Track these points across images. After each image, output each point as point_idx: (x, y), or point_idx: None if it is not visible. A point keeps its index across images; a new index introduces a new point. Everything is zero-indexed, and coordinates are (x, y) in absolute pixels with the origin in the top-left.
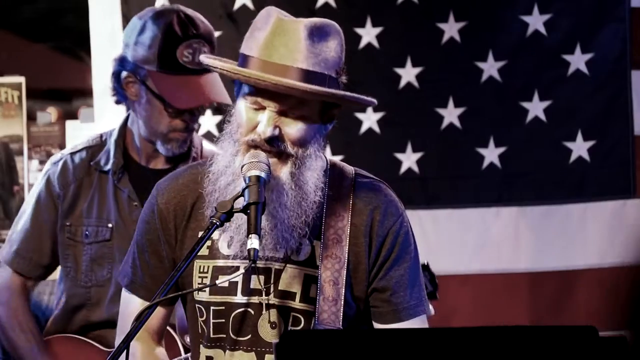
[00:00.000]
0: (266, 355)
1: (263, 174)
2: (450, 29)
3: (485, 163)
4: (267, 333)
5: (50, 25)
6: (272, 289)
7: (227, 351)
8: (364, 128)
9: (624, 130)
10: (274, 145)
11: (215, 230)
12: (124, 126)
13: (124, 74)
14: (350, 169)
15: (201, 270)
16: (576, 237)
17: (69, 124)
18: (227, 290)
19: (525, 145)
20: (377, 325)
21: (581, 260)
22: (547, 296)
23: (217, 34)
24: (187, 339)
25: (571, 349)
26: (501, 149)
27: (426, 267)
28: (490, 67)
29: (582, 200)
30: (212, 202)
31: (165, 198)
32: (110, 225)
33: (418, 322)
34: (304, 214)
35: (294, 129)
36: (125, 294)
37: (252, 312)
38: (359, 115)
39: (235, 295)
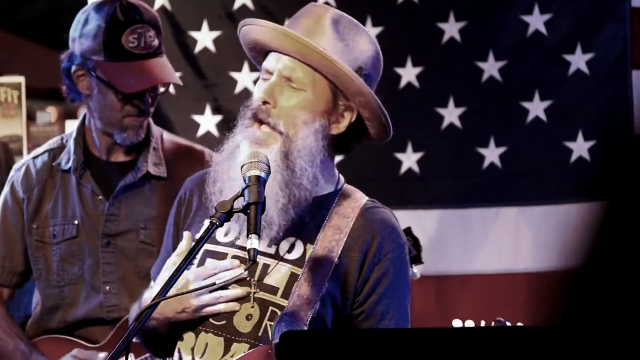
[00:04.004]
0: (234, 344)
1: (263, 174)
2: (451, 29)
3: (486, 163)
4: (241, 323)
5: (50, 25)
6: (256, 282)
7: (201, 333)
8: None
9: (624, 130)
10: (265, 114)
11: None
12: (82, 125)
13: (74, 68)
14: (362, 194)
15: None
16: (576, 237)
17: (69, 124)
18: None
19: (526, 145)
20: None
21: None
22: (547, 296)
23: (217, 33)
24: None
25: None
26: (501, 149)
27: (409, 232)
28: (490, 67)
29: (582, 200)
30: (221, 172)
31: (187, 185)
32: (76, 222)
33: None
34: (292, 196)
35: (289, 101)
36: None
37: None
38: None
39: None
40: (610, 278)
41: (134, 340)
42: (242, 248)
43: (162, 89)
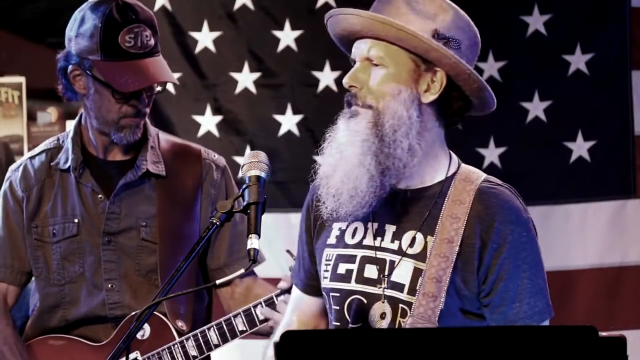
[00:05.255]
0: None
1: (263, 174)
2: None
3: (485, 163)
4: (377, 321)
5: (50, 25)
6: (385, 280)
7: None
8: None
9: (624, 130)
10: (355, 98)
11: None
12: (78, 124)
13: (70, 68)
14: (480, 173)
15: (327, 258)
16: (576, 237)
17: (69, 124)
18: (343, 277)
19: (525, 145)
20: None
21: (581, 260)
22: None
23: (217, 34)
24: (179, 324)
25: (571, 349)
26: (501, 149)
27: None
28: (490, 67)
29: (582, 200)
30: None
31: (312, 193)
32: (76, 220)
33: None
34: (381, 165)
35: (373, 79)
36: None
37: (365, 301)
38: None
39: (349, 282)
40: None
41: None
42: (370, 247)
43: (158, 88)
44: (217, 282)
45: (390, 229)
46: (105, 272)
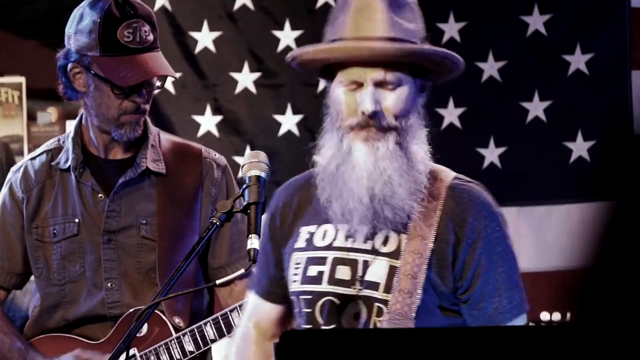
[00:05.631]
0: None
1: (263, 174)
2: (450, 29)
3: (485, 163)
4: (351, 322)
5: (50, 25)
6: (360, 280)
7: None
8: None
9: (624, 130)
10: (377, 121)
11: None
12: (79, 124)
13: (70, 65)
14: (449, 171)
15: (296, 262)
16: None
17: (69, 124)
18: (314, 279)
19: (525, 145)
20: None
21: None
22: (547, 296)
23: (217, 34)
24: (176, 320)
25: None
26: (501, 149)
27: None
28: (490, 67)
29: (582, 200)
30: (326, 188)
31: (277, 200)
32: (77, 220)
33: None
34: (414, 180)
35: (393, 101)
36: (252, 299)
37: (338, 302)
38: None
39: (321, 284)
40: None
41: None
42: (341, 249)
43: (158, 83)
44: (217, 282)
45: (362, 230)
46: (105, 271)
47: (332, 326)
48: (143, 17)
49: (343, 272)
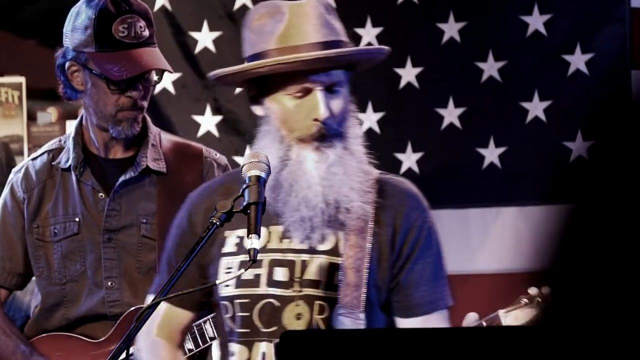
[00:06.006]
0: None
1: (263, 174)
2: (450, 29)
3: (485, 163)
4: (292, 324)
5: (50, 25)
6: (299, 280)
7: (254, 344)
8: (364, 128)
9: (624, 130)
10: (328, 126)
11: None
12: (80, 125)
13: (67, 64)
14: (373, 168)
15: (227, 266)
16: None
17: (70, 124)
18: (251, 282)
19: (525, 145)
20: (398, 320)
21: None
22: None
23: (217, 34)
24: None
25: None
26: (501, 149)
27: None
28: (490, 67)
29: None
30: (279, 199)
31: (195, 205)
32: (77, 219)
33: (438, 316)
34: (365, 180)
35: (338, 104)
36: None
37: (277, 304)
38: (359, 115)
39: (259, 287)
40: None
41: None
42: (277, 250)
43: (155, 78)
44: (217, 282)
45: (297, 230)
46: (105, 270)
47: (273, 329)
48: (138, 12)
49: (281, 274)
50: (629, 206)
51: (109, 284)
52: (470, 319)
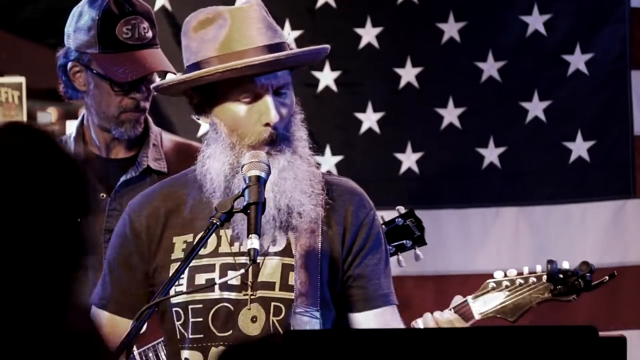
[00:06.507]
0: None
1: (263, 174)
2: (450, 29)
3: (485, 163)
4: (248, 326)
5: (50, 25)
6: (252, 283)
7: (210, 349)
8: (364, 128)
9: (624, 130)
10: (278, 130)
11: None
12: (81, 125)
13: (70, 64)
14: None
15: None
16: (575, 237)
17: (70, 124)
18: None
19: (525, 145)
20: (352, 315)
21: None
22: None
23: None
24: None
25: (571, 349)
26: (501, 149)
27: (412, 213)
28: (490, 67)
29: (582, 200)
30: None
31: (137, 212)
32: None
33: (391, 310)
34: (316, 182)
35: (286, 107)
36: (93, 311)
37: (232, 308)
38: (359, 115)
39: (213, 291)
40: None
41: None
42: (228, 254)
43: (158, 79)
44: (217, 282)
45: (269, 227)
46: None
47: (228, 333)
48: (142, 13)
49: (235, 278)
50: None
51: None
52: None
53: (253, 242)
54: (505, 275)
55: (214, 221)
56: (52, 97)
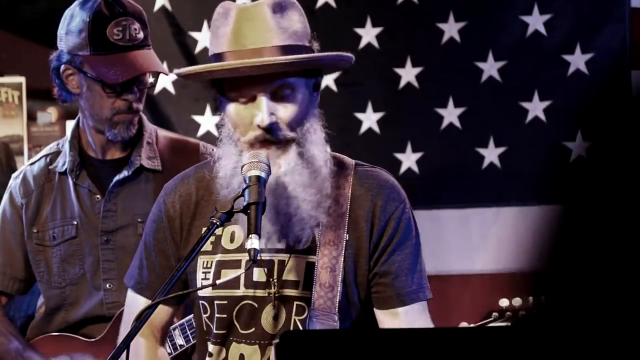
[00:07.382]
0: (268, 347)
1: (263, 174)
2: (450, 29)
3: (485, 163)
4: (269, 325)
5: (50, 25)
6: (276, 281)
7: (232, 345)
8: (364, 128)
9: (624, 130)
10: (275, 134)
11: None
12: (76, 127)
13: (62, 67)
14: (350, 159)
15: (205, 265)
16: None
17: (70, 124)
18: (230, 284)
19: (525, 145)
20: (378, 312)
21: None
22: None
23: None
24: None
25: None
26: (501, 149)
27: None
28: (490, 67)
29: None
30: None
31: (172, 197)
32: (74, 222)
33: (419, 308)
34: (319, 190)
35: (288, 110)
36: (130, 295)
37: (256, 305)
38: (359, 115)
39: (238, 288)
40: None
41: None
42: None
43: (151, 80)
44: (217, 282)
45: (274, 229)
46: (103, 272)
47: (250, 330)
48: (132, 15)
49: (259, 274)
50: (628, 206)
51: (107, 286)
52: None
53: (253, 242)
54: (511, 304)
55: (214, 221)
56: (52, 97)
